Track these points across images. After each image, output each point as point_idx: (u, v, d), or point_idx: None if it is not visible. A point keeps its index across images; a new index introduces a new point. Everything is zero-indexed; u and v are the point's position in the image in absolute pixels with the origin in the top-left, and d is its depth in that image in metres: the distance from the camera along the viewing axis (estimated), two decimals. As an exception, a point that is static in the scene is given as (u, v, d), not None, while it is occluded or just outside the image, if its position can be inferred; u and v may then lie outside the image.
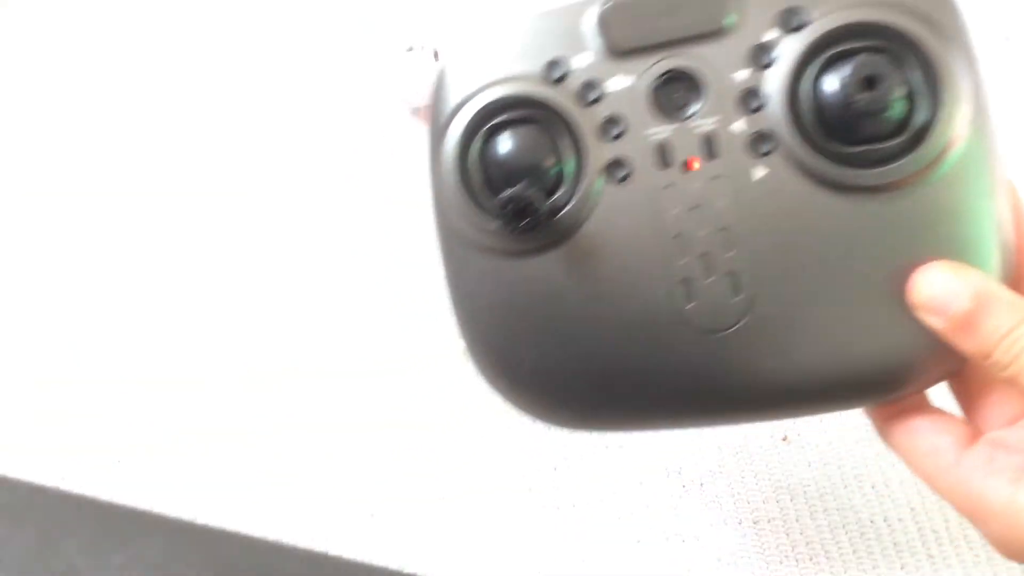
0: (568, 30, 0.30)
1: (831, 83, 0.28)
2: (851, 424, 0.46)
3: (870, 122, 0.28)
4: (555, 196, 0.29)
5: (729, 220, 0.29)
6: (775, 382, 0.30)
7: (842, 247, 0.29)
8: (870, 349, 0.29)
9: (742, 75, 0.29)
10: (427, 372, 0.48)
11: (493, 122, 0.30)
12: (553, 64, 0.30)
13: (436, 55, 0.58)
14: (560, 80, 0.30)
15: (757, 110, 0.29)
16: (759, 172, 0.29)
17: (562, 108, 0.29)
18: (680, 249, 0.29)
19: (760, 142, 0.29)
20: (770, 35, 0.29)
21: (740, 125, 0.29)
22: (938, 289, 0.28)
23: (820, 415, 0.46)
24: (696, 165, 0.29)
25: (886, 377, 0.30)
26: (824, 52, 0.28)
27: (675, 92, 0.29)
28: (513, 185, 0.29)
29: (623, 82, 0.29)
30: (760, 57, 0.29)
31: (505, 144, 0.30)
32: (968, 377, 0.31)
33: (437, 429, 0.46)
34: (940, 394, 0.31)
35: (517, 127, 0.30)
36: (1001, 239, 0.28)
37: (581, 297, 0.30)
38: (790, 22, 0.29)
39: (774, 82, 0.29)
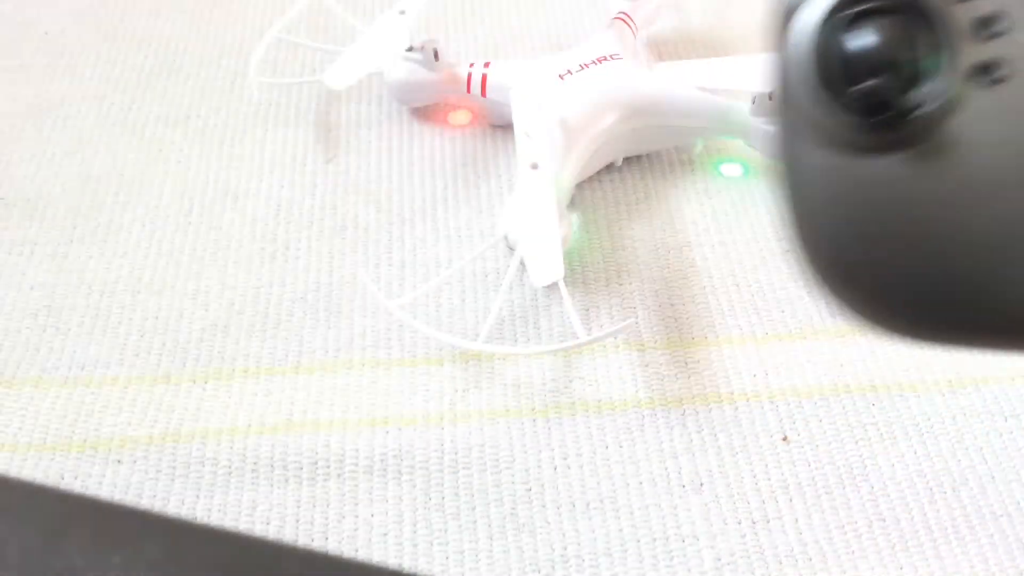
0: None
1: None
2: (851, 424, 0.46)
3: None
4: (916, 92, 0.27)
5: None
6: None
7: None
8: None
9: None
10: (426, 370, 0.48)
11: (854, 9, 0.27)
12: None
13: (436, 55, 0.58)
14: None
15: None
16: None
17: (931, 1, 0.27)
18: None
19: None
20: None
21: None
22: None
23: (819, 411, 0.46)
24: None
25: None
26: None
27: None
28: (871, 77, 0.27)
29: None
30: None
31: (866, 34, 0.27)
32: None
33: (436, 428, 0.46)
34: None
35: (881, 16, 0.27)
36: None
37: (932, 202, 0.27)
38: None
39: None
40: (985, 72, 0.27)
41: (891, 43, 0.27)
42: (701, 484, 0.44)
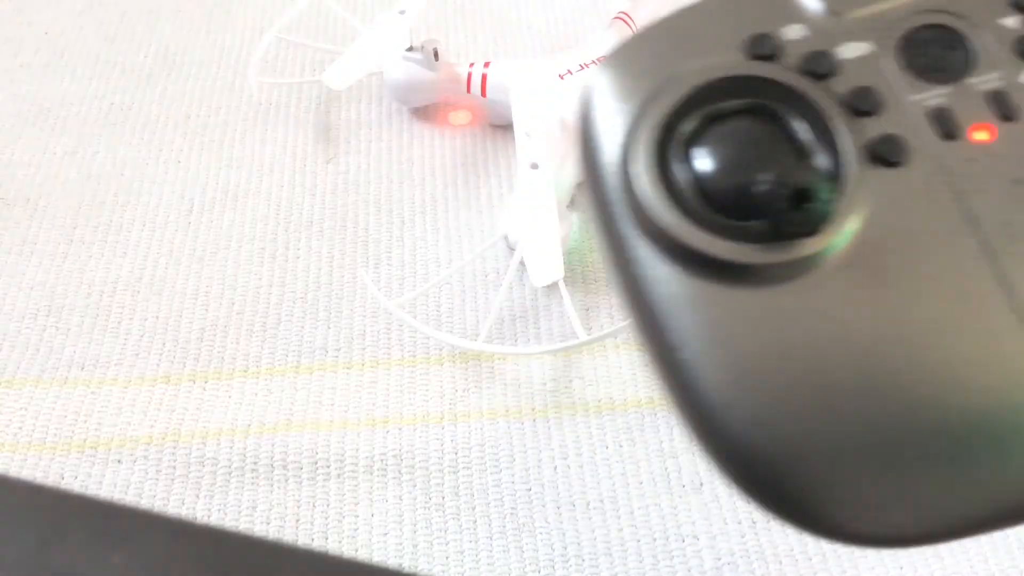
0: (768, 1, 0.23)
1: None
2: (851, 424, 0.46)
3: None
4: (810, 201, 0.21)
5: None
6: None
7: None
8: None
9: (1012, 21, 0.23)
10: (426, 370, 0.48)
11: (701, 117, 0.22)
12: (758, 40, 0.22)
13: (436, 55, 0.58)
14: (770, 57, 0.22)
15: None
16: None
17: (792, 83, 0.22)
18: (1007, 239, 0.21)
19: None
20: None
21: None
22: None
23: None
24: (995, 132, 0.22)
25: None
26: None
27: (930, 50, 0.23)
28: (743, 195, 0.21)
29: (860, 48, 0.22)
30: None
31: (726, 141, 0.22)
32: None
33: (437, 427, 0.46)
34: None
35: (734, 121, 0.22)
36: None
37: (869, 326, 0.20)
38: None
39: None
40: (883, 151, 0.22)
41: (760, 143, 0.22)
42: (701, 484, 0.44)
